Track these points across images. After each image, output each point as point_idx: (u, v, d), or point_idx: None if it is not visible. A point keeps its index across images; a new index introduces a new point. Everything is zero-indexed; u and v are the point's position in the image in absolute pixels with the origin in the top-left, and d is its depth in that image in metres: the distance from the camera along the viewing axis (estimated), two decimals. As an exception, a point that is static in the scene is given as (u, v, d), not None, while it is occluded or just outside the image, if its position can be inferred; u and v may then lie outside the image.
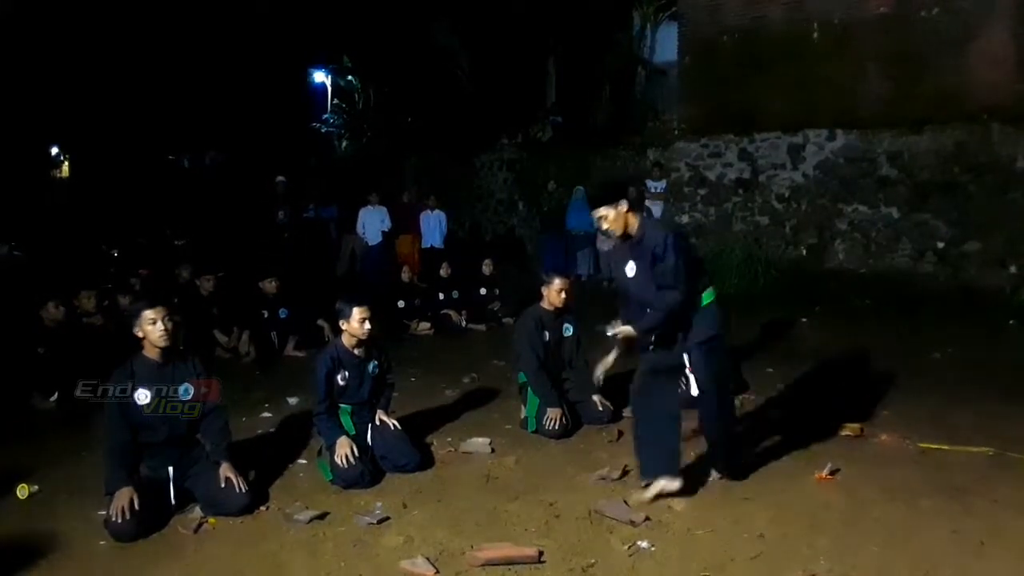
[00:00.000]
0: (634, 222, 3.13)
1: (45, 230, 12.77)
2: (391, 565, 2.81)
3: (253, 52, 18.66)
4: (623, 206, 3.09)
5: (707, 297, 3.19)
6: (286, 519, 3.22)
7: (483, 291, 7.91)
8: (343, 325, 3.77)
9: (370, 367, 3.84)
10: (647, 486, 3.20)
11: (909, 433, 4.07)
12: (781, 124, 9.37)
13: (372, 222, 10.86)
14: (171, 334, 3.24)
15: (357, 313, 3.71)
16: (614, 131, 12.61)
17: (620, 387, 4.89)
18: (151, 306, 3.22)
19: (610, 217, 3.10)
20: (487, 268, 8.03)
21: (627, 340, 3.20)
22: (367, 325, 3.73)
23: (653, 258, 3.02)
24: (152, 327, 3.20)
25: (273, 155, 17.26)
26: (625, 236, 3.15)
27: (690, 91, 10.38)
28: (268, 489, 3.54)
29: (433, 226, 10.94)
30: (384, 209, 10.96)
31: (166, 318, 3.22)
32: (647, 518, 3.05)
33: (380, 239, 10.83)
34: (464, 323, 7.58)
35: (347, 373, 3.75)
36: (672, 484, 3.17)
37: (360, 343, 3.79)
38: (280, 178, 10.98)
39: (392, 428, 3.82)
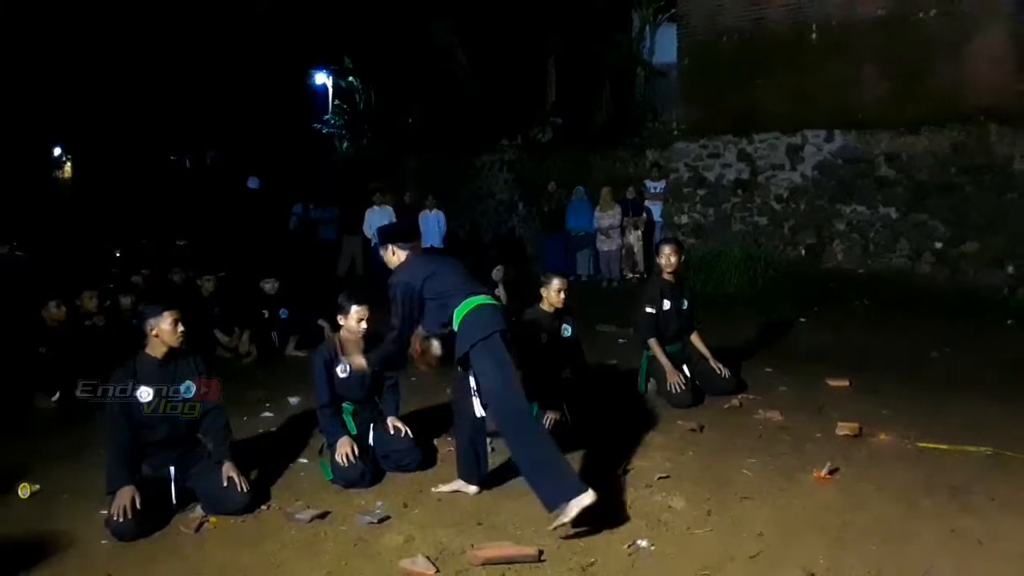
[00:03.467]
0: (392, 260, 3.55)
1: (47, 230, 12.77)
2: (392, 564, 2.82)
3: (254, 53, 18.67)
4: (389, 249, 3.56)
5: (457, 315, 3.28)
6: (287, 518, 3.23)
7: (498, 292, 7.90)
8: (340, 320, 3.78)
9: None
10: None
11: (907, 432, 4.08)
12: (780, 125, 9.38)
13: (378, 223, 10.85)
14: (183, 336, 3.31)
15: (355, 312, 3.72)
16: (614, 132, 12.63)
17: (621, 387, 4.92)
18: (170, 308, 3.30)
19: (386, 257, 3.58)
20: (497, 274, 8.01)
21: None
22: (364, 325, 3.74)
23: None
24: (171, 328, 3.27)
25: (274, 155, 17.28)
26: None
27: (689, 92, 10.39)
28: (269, 488, 3.55)
29: (432, 226, 10.96)
30: (390, 210, 10.97)
31: (180, 321, 3.30)
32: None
33: None
34: None
35: (347, 366, 3.76)
36: (468, 488, 3.44)
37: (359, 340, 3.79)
38: (252, 180, 10.93)
39: (404, 434, 3.81)
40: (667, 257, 4.86)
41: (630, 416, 4.51)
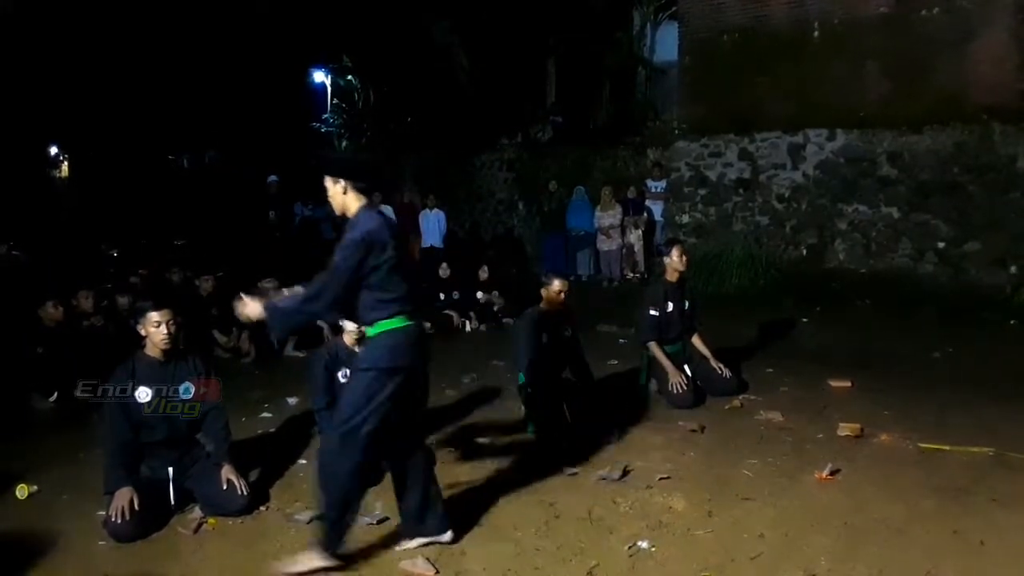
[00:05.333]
0: (352, 207, 2.76)
1: (44, 230, 12.77)
2: (391, 565, 2.81)
3: (253, 52, 18.65)
4: (340, 185, 2.75)
5: (378, 327, 2.71)
6: (286, 519, 3.22)
7: (480, 295, 7.92)
8: (340, 321, 3.77)
9: None
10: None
11: (909, 433, 4.07)
12: (781, 124, 9.36)
13: None
14: (173, 337, 3.26)
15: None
16: (614, 131, 12.61)
17: (620, 387, 4.90)
18: (157, 308, 3.23)
19: (329, 190, 2.80)
20: (483, 274, 8.04)
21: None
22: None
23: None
24: (156, 329, 3.22)
25: (273, 155, 17.26)
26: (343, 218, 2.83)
27: (690, 91, 10.37)
28: (268, 489, 3.54)
29: (432, 225, 10.96)
30: (390, 209, 10.98)
31: (170, 321, 3.24)
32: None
33: None
34: (469, 325, 7.58)
35: (348, 371, 3.74)
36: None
37: (360, 341, 3.77)
38: (272, 177, 10.95)
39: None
40: (677, 258, 4.86)
41: (630, 416, 4.49)
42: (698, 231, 10.12)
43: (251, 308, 2.73)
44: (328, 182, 2.77)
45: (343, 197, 2.75)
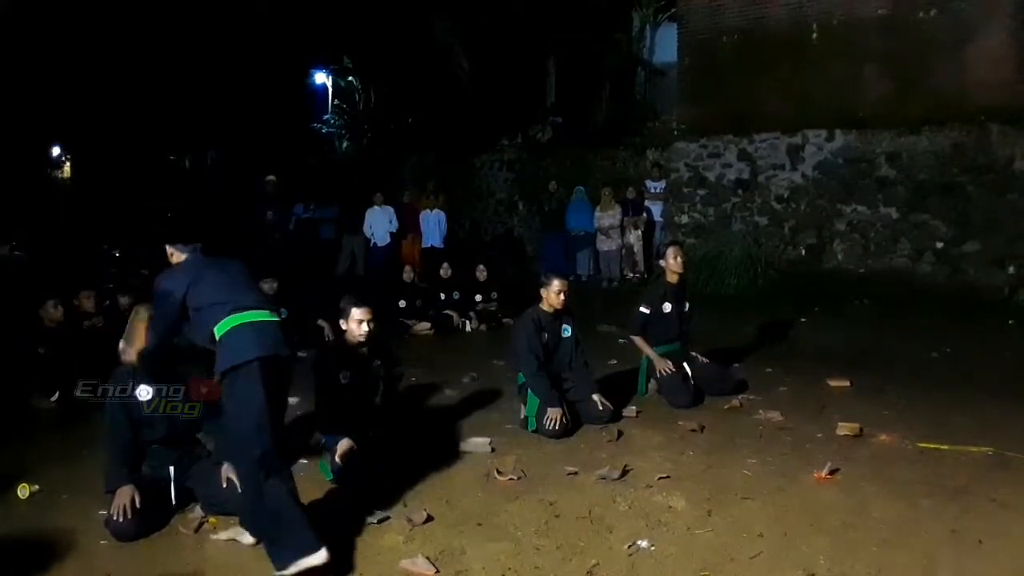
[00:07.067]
0: (179, 261, 3.18)
1: (46, 230, 12.78)
2: (391, 564, 2.82)
3: (254, 52, 18.65)
4: (169, 251, 3.21)
5: (218, 332, 2.85)
6: (287, 518, 3.22)
7: (479, 297, 7.93)
8: (342, 324, 3.77)
9: (372, 367, 3.84)
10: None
11: (908, 433, 4.08)
12: (780, 125, 9.39)
13: (379, 223, 10.91)
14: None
15: (356, 314, 3.69)
16: (614, 131, 12.63)
17: (620, 387, 4.92)
18: None
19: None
20: (481, 275, 8.06)
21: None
22: (365, 327, 3.71)
23: None
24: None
25: (274, 155, 17.27)
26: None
27: (689, 91, 10.39)
28: (269, 488, 3.54)
29: (433, 226, 10.98)
30: (391, 209, 11.02)
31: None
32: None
33: (388, 240, 10.87)
34: (469, 326, 7.59)
35: (349, 372, 3.75)
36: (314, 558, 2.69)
37: (362, 343, 3.78)
38: (269, 177, 10.94)
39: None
40: (673, 260, 4.89)
41: (631, 417, 4.50)
42: (697, 231, 10.14)
43: (129, 355, 3.20)
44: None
45: (173, 259, 3.19)
